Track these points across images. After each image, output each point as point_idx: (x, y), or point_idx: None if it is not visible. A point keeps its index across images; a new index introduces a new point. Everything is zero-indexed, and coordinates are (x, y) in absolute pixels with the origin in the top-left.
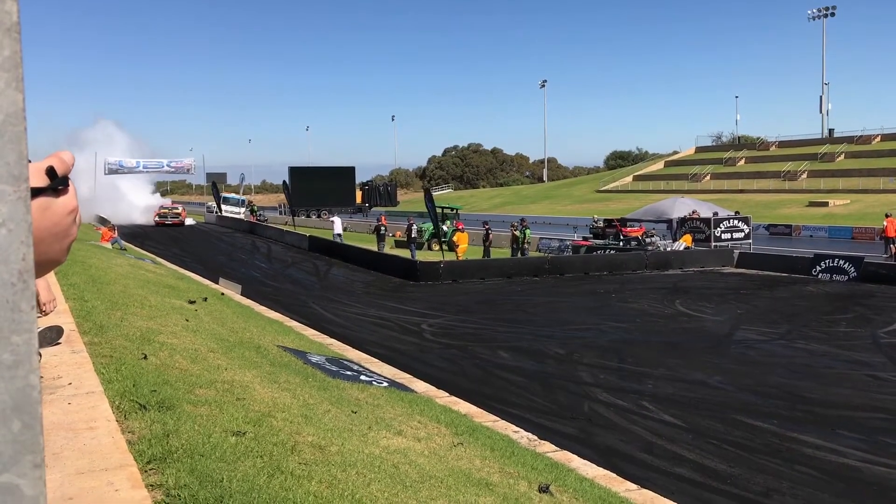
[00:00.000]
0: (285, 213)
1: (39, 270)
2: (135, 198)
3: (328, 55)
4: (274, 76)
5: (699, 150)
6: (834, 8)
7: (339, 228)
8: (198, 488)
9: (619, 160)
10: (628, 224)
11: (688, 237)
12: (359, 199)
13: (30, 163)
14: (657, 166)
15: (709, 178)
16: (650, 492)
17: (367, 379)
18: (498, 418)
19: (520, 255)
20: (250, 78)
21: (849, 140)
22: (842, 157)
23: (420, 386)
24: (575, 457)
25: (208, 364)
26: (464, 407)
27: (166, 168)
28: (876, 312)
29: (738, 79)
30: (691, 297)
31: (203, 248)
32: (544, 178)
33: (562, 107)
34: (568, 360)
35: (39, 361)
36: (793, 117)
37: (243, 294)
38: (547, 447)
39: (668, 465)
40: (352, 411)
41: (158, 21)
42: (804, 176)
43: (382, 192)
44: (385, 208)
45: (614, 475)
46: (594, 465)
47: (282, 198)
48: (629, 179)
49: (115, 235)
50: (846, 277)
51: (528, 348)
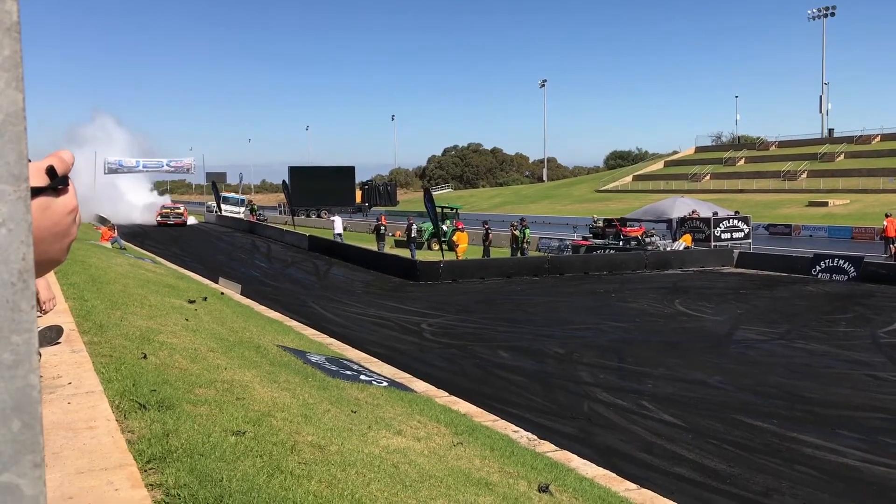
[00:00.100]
0: (285, 213)
1: (39, 270)
2: (134, 197)
3: (328, 55)
4: (274, 76)
5: (699, 149)
6: (834, 8)
7: (339, 228)
8: (197, 488)
9: (618, 160)
10: (628, 224)
11: (687, 237)
12: (359, 199)
13: (30, 162)
14: (657, 166)
15: (708, 177)
16: (650, 491)
17: (366, 378)
18: (497, 418)
19: (519, 255)
20: (250, 78)
21: (849, 140)
22: (841, 157)
23: (420, 385)
24: (574, 456)
25: (208, 363)
26: (463, 406)
27: (166, 167)
28: (876, 312)
29: (738, 79)
30: (691, 296)
31: (203, 248)
32: (544, 177)
33: (562, 107)
34: (568, 359)
35: (39, 361)
36: (793, 117)
37: (243, 293)
38: (546, 447)
39: (667, 465)
40: (351, 411)
41: (158, 21)
42: (804, 176)
43: (382, 191)
44: (385, 208)
45: (614, 475)
46: (594, 465)
47: (281, 197)
48: (629, 179)
49: (115, 235)
50: (846, 277)
51: (528, 348)
